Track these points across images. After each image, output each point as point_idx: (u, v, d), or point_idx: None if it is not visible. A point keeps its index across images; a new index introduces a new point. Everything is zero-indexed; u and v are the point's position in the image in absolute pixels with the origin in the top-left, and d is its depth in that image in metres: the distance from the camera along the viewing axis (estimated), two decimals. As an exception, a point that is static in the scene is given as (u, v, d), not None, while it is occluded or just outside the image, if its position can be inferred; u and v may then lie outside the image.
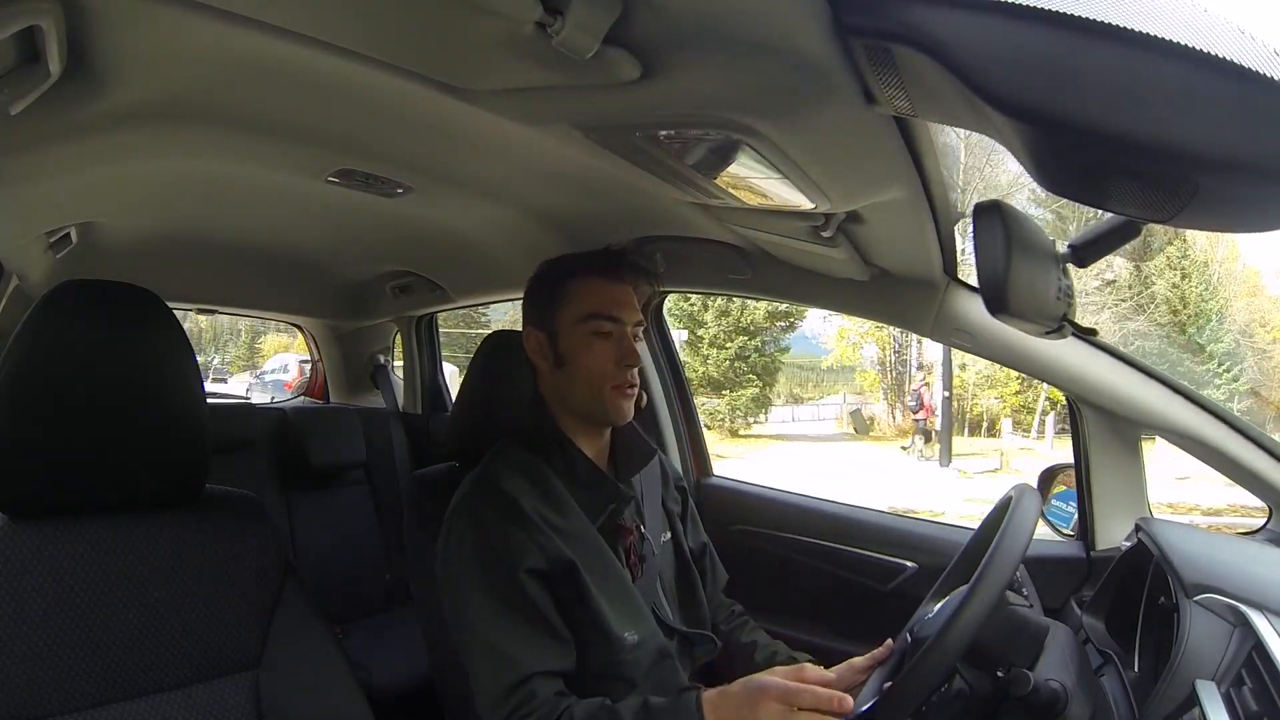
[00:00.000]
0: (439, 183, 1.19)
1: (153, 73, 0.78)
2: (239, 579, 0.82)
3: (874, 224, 0.96)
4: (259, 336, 19.43)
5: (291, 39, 0.67)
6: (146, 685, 0.75)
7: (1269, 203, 0.47)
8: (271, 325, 2.81)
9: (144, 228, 1.56)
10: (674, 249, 1.36)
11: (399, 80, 0.74)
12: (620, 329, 0.95)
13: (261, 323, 2.84)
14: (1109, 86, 0.42)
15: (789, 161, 0.74)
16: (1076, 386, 1.13)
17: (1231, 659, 0.73)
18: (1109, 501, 1.19)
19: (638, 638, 0.89)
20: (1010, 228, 0.63)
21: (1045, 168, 0.51)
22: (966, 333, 1.16)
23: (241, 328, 19.28)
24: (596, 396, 0.94)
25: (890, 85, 0.57)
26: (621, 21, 0.55)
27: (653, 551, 0.99)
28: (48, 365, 0.73)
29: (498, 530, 0.86)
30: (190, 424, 0.81)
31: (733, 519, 1.61)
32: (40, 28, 0.60)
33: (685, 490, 1.15)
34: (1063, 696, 0.79)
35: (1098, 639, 0.99)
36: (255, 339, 19.77)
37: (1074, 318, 0.74)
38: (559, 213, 1.29)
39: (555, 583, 0.87)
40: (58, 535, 0.73)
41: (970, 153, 10.21)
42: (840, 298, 1.29)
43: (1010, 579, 0.76)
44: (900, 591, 1.36)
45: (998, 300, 0.64)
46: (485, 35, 0.60)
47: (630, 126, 0.76)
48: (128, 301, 0.80)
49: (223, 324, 18.48)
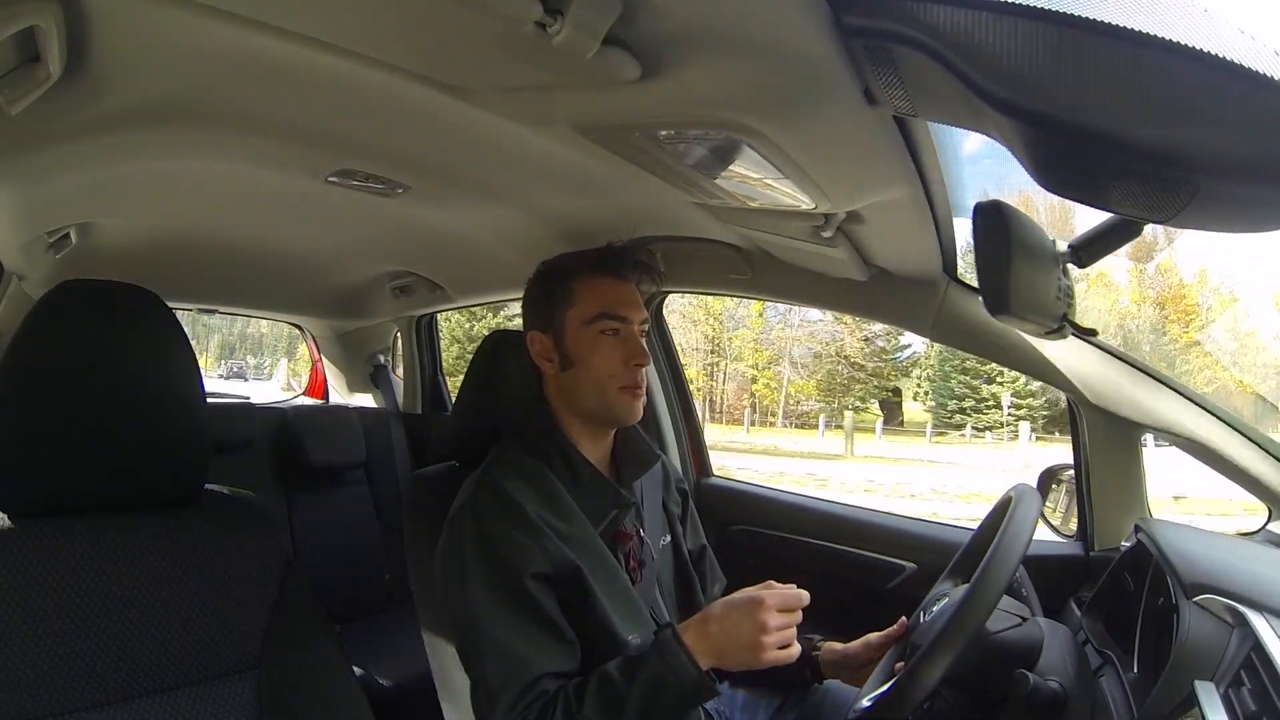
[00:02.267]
0: (439, 183, 1.19)
1: (153, 73, 0.78)
2: (239, 579, 0.82)
3: (874, 224, 0.96)
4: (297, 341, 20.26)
5: (291, 39, 0.67)
6: (147, 685, 0.75)
7: (1269, 203, 0.47)
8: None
9: (144, 228, 1.56)
10: (674, 249, 1.36)
11: (399, 80, 0.74)
12: (628, 328, 0.94)
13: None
14: (1109, 86, 0.42)
15: (789, 161, 0.74)
16: (1077, 387, 1.13)
17: (1230, 659, 0.73)
18: (1108, 502, 1.19)
19: (640, 641, 0.90)
20: (1010, 228, 0.63)
21: (1045, 168, 0.51)
22: (966, 333, 1.16)
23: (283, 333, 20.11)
24: (605, 397, 0.93)
25: (890, 85, 0.57)
26: (621, 21, 0.55)
27: (652, 556, 0.99)
28: (48, 365, 0.73)
29: (502, 534, 0.86)
30: (190, 424, 0.80)
31: (732, 519, 1.61)
32: (40, 28, 0.60)
33: (686, 492, 1.15)
34: (1062, 696, 0.79)
35: (1097, 639, 0.99)
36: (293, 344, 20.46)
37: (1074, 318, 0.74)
38: (559, 213, 1.29)
39: (560, 587, 0.87)
40: (58, 535, 0.73)
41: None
42: (840, 298, 1.29)
43: (1010, 579, 0.76)
44: (900, 591, 1.36)
45: (998, 300, 0.64)
46: (485, 35, 0.60)
47: (630, 126, 0.76)
48: (128, 301, 0.80)
49: (264, 330, 19.02)
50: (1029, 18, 0.42)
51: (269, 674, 0.81)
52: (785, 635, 0.80)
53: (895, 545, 1.39)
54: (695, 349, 17.35)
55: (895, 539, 1.41)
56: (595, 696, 0.80)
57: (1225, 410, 1.08)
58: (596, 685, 0.81)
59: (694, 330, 17.69)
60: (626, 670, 0.81)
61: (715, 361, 16.53)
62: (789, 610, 0.81)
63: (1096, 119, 0.43)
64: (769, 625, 0.79)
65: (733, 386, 18.15)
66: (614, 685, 0.80)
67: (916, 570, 1.35)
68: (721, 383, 17.83)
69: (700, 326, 17.75)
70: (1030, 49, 0.44)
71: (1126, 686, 0.85)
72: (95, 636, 0.73)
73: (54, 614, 0.71)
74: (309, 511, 2.06)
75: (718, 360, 17.32)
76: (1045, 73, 0.44)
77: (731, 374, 18.06)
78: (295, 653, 0.83)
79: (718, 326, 17.95)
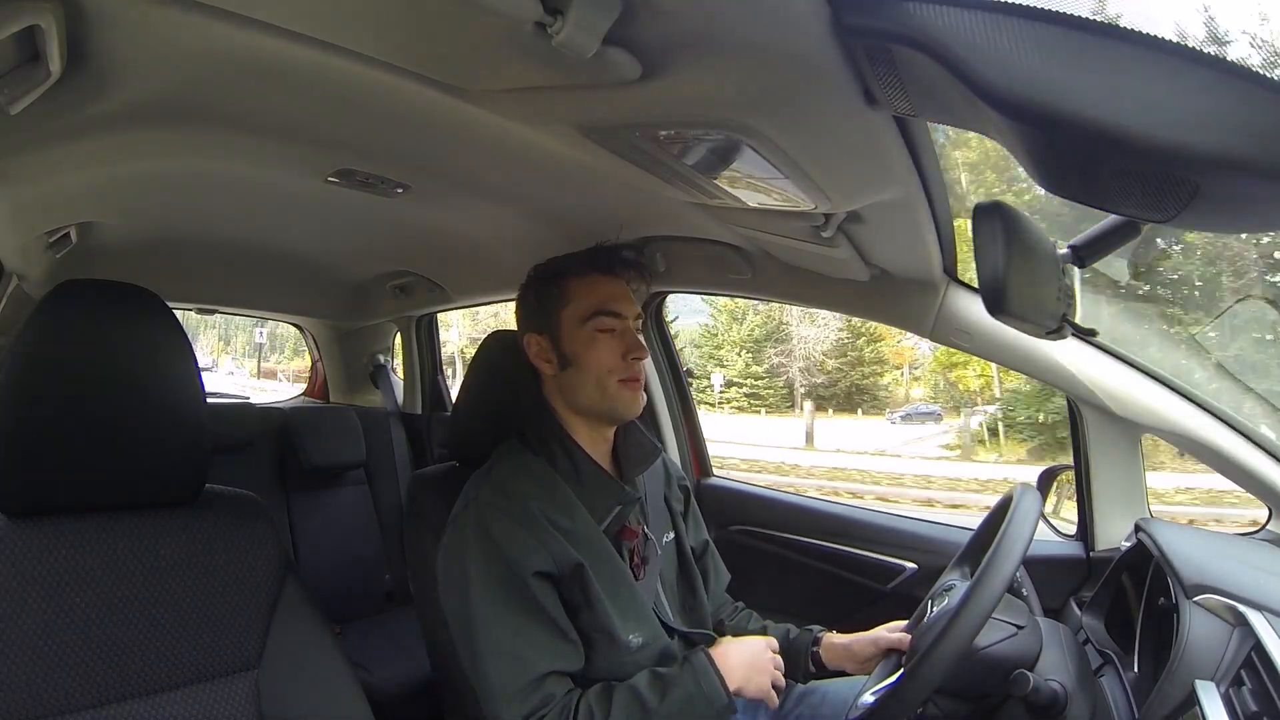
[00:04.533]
0: (439, 183, 1.19)
1: (153, 73, 0.78)
2: (239, 579, 0.82)
3: (874, 224, 0.96)
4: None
5: (291, 39, 0.67)
6: (147, 685, 0.75)
7: (1269, 203, 0.46)
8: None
9: (144, 228, 1.56)
10: (674, 249, 1.36)
11: (399, 80, 0.74)
12: (623, 324, 0.95)
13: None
14: (1109, 86, 0.42)
15: (789, 161, 0.74)
16: (1076, 387, 1.13)
17: (1231, 659, 0.73)
18: (1109, 502, 1.19)
19: (642, 639, 0.90)
20: (1010, 228, 0.63)
21: (1045, 168, 0.51)
22: (966, 333, 1.16)
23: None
24: (605, 392, 0.94)
25: (890, 85, 0.57)
26: (621, 21, 0.55)
27: (656, 552, 0.99)
28: (48, 365, 0.73)
29: (506, 533, 0.86)
30: (190, 424, 0.80)
31: (733, 519, 1.61)
32: (40, 28, 0.60)
33: (688, 488, 1.15)
34: (1062, 696, 0.79)
35: (1097, 639, 1.00)
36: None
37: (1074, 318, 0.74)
38: (559, 213, 1.29)
39: (563, 585, 0.87)
40: (57, 535, 0.73)
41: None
42: (840, 298, 1.29)
43: (1011, 579, 0.76)
44: (900, 591, 1.36)
45: (998, 300, 0.64)
46: (485, 35, 0.60)
47: (630, 126, 0.76)
48: (128, 301, 0.80)
49: (289, 333, 19.49)
50: (1029, 18, 0.42)
51: (268, 674, 0.81)
52: (776, 676, 0.91)
53: (895, 545, 1.39)
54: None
55: (895, 539, 1.41)
56: (623, 709, 0.82)
57: (1225, 410, 1.08)
58: (624, 698, 0.83)
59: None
60: (656, 687, 0.84)
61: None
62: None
63: (1096, 118, 0.43)
64: (778, 661, 0.92)
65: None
66: (643, 700, 0.82)
67: (916, 570, 1.35)
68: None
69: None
70: (1030, 49, 0.44)
71: (1127, 686, 0.86)
72: (94, 636, 0.73)
73: (53, 614, 0.71)
74: (309, 511, 2.06)
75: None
76: (1045, 73, 0.44)
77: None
78: (295, 653, 0.83)
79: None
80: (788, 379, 14.99)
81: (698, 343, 15.69)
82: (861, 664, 1.00)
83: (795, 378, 14.89)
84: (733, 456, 9.67)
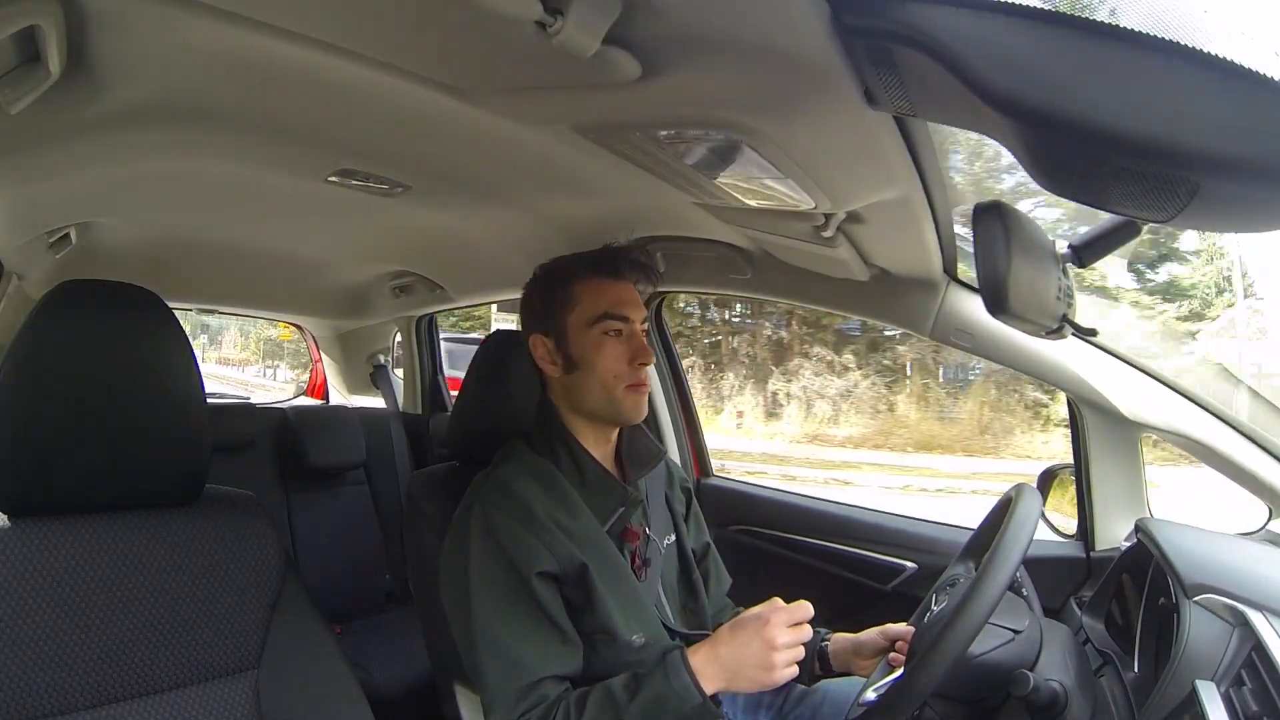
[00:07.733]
0: (439, 183, 1.19)
1: (153, 73, 0.78)
2: (239, 579, 0.82)
3: (874, 224, 0.96)
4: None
5: (291, 39, 0.67)
6: (146, 685, 0.75)
7: (1269, 203, 0.46)
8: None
9: (144, 228, 1.55)
10: (674, 249, 1.36)
11: (399, 80, 0.74)
12: (630, 327, 0.95)
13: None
14: (1109, 86, 0.42)
15: (789, 161, 0.74)
16: (1077, 387, 1.13)
17: (1231, 659, 0.73)
18: (1109, 502, 1.19)
19: (644, 640, 0.90)
20: (1010, 228, 0.63)
21: (1045, 168, 0.51)
22: (966, 333, 1.16)
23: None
24: (611, 396, 0.93)
25: (890, 85, 0.57)
26: (621, 21, 0.55)
27: (658, 553, 0.99)
28: (48, 365, 0.73)
29: (509, 533, 0.86)
30: (190, 424, 0.80)
31: (733, 519, 1.61)
32: (40, 28, 0.60)
33: (690, 491, 1.15)
34: (1063, 696, 0.79)
35: (1097, 639, 1.00)
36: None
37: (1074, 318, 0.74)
38: (559, 213, 1.29)
39: (565, 586, 0.87)
40: (57, 534, 0.73)
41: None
42: (840, 297, 1.28)
43: (1010, 580, 0.76)
44: (900, 591, 1.36)
45: (998, 300, 0.63)
46: (485, 35, 0.60)
47: (630, 126, 0.76)
48: (128, 301, 0.80)
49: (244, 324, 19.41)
50: (1029, 18, 0.42)
51: (268, 674, 0.81)
52: (795, 653, 0.80)
53: (895, 545, 1.39)
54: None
55: (895, 539, 1.41)
56: (595, 706, 0.81)
57: (1225, 409, 1.08)
58: (599, 696, 0.82)
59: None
60: (630, 685, 0.82)
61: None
62: (796, 625, 0.81)
63: (1096, 119, 0.43)
64: (778, 642, 0.79)
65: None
66: (615, 699, 0.81)
67: (916, 570, 1.35)
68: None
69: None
70: (1030, 49, 0.44)
71: (1127, 686, 0.86)
72: (94, 636, 0.73)
73: (53, 614, 0.71)
74: (309, 511, 2.06)
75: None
76: (1045, 73, 0.44)
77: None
78: (295, 653, 0.83)
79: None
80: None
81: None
82: (869, 660, 0.99)
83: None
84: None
